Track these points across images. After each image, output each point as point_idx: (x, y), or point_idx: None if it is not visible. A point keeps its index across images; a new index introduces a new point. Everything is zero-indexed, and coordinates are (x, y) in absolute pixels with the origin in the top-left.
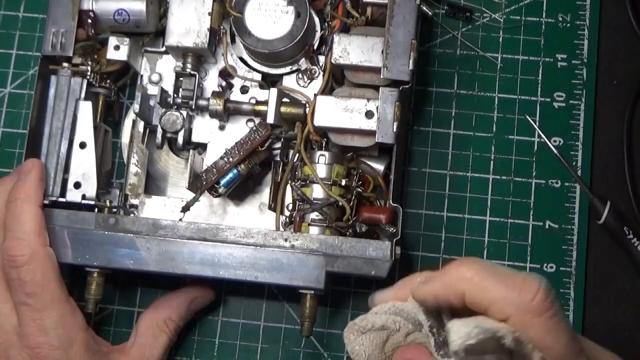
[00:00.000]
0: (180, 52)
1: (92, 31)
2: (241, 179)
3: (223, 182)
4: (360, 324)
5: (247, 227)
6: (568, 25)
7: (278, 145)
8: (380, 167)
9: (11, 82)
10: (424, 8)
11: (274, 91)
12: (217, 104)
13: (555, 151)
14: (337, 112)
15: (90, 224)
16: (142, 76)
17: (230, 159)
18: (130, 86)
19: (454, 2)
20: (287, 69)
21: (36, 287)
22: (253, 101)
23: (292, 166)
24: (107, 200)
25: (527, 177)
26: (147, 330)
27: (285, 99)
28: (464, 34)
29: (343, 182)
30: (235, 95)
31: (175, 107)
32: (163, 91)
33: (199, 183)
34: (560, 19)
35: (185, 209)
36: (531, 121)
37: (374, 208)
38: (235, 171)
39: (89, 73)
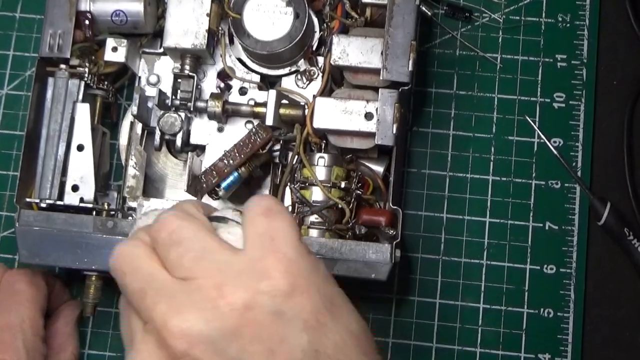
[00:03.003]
0: (179, 54)
1: (90, 32)
2: (241, 181)
3: (224, 185)
4: None
5: None
6: (568, 25)
7: (277, 147)
8: (379, 168)
9: (8, 84)
10: (424, 8)
11: (272, 92)
12: (215, 106)
13: (555, 152)
14: (336, 114)
15: (88, 227)
16: (140, 78)
17: (231, 162)
18: (128, 88)
19: (453, 2)
20: (286, 70)
21: None
22: (252, 103)
23: (291, 168)
24: (105, 203)
25: (526, 178)
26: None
27: (284, 101)
28: (463, 34)
29: (342, 185)
30: (234, 96)
31: (174, 108)
32: (161, 93)
33: (199, 186)
34: (560, 19)
35: None
36: (531, 122)
37: (374, 210)
38: (236, 174)
39: (86, 75)
